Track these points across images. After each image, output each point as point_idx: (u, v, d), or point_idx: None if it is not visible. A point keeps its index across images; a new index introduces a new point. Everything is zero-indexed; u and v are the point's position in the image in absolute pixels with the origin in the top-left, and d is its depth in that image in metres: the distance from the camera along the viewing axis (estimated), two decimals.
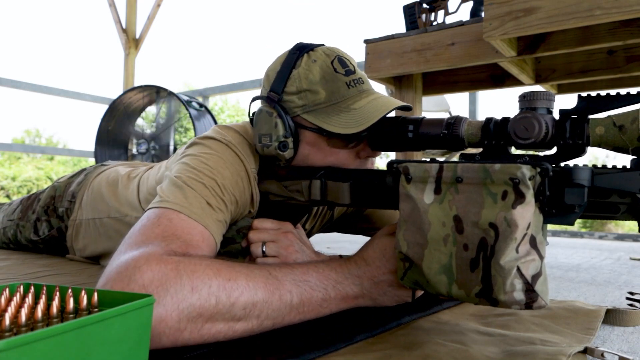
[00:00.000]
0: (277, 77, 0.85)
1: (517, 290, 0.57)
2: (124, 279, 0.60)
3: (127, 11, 4.76)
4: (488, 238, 0.59)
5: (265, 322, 0.66)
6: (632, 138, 0.58)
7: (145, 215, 0.73)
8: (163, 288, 0.59)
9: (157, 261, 0.61)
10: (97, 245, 1.34)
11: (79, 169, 1.57)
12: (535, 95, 0.64)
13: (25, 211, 1.56)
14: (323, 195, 0.81)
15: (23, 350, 0.36)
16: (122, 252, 0.66)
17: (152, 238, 0.67)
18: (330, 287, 0.72)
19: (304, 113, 0.83)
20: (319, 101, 0.82)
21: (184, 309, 0.59)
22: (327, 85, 0.82)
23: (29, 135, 15.12)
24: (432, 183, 0.64)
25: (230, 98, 16.00)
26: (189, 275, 0.61)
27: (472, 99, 3.33)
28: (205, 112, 3.27)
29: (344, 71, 0.84)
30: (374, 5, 53.42)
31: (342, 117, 0.80)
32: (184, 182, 0.76)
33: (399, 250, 0.67)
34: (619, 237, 3.35)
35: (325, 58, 0.84)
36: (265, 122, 0.83)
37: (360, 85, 0.84)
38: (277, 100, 0.83)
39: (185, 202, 0.73)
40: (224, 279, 0.63)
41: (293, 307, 0.68)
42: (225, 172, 0.81)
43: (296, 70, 0.83)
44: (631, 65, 1.76)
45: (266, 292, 0.66)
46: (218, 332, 0.62)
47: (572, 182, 0.59)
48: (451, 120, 0.72)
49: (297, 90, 0.82)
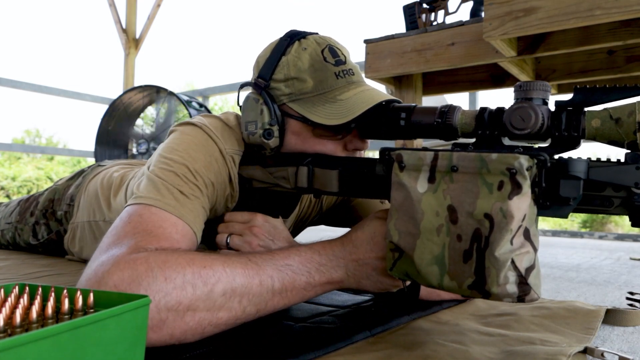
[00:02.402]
0: (266, 63, 0.83)
1: (510, 283, 0.56)
2: (93, 285, 0.60)
3: (127, 11, 4.76)
4: (483, 229, 0.58)
5: (248, 308, 0.65)
6: (628, 131, 0.58)
7: (119, 216, 0.73)
8: (135, 283, 0.58)
9: (125, 261, 0.61)
10: (92, 249, 1.33)
11: (79, 169, 1.56)
12: (531, 85, 0.62)
13: (23, 214, 1.55)
14: (310, 182, 0.79)
15: (17, 352, 0.35)
16: (97, 255, 0.66)
17: (122, 237, 0.67)
18: (313, 270, 0.70)
19: (290, 102, 0.81)
20: (306, 90, 0.81)
21: (160, 299, 0.58)
22: (315, 74, 0.81)
23: (29, 135, 15.12)
24: (426, 171, 0.63)
25: (230, 98, 16.00)
26: (160, 266, 0.61)
27: (472, 99, 3.33)
28: (205, 112, 3.27)
29: (334, 61, 0.82)
30: (374, 5, 53.47)
31: (328, 107, 0.79)
32: (155, 174, 0.76)
33: (390, 240, 0.65)
34: (619, 237, 3.35)
35: (316, 46, 0.83)
36: (251, 109, 0.82)
37: (349, 76, 0.83)
38: (264, 87, 0.82)
39: (157, 195, 0.72)
40: (198, 266, 0.63)
41: (275, 292, 0.67)
42: (197, 155, 0.79)
43: (285, 57, 0.82)
44: (631, 65, 1.76)
45: (245, 277, 0.65)
46: (202, 320, 0.61)
47: (568, 174, 0.58)
48: (445, 109, 0.70)
49: (285, 78, 0.81)
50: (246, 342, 0.67)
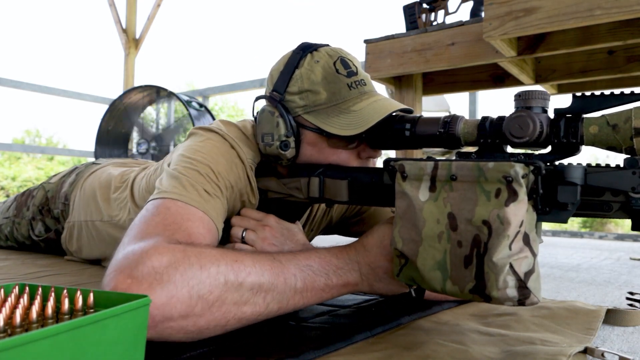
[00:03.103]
0: (280, 76, 0.86)
1: (509, 287, 0.58)
2: (132, 263, 0.60)
3: (127, 11, 4.75)
4: (481, 235, 0.59)
5: (272, 304, 0.67)
6: (625, 137, 0.59)
7: (145, 207, 0.74)
8: (172, 267, 0.60)
9: (165, 247, 0.62)
10: (92, 249, 1.34)
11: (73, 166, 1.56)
12: (530, 94, 0.64)
13: (19, 208, 1.56)
14: (321, 192, 0.82)
15: (17, 352, 0.35)
16: (126, 244, 0.66)
17: (153, 227, 0.68)
18: (331, 272, 0.73)
19: (305, 113, 0.83)
20: (320, 102, 0.83)
21: (193, 285, 0.60)
22: (328, 86, 0.83)
23: (29, 135, 15.12)
24: (427, 181, 0.65)
25: (230, 98, 16.01)
26: (197, 256, 0.63)
27: (472, 99, 3.32)
28: (205, 112, 3.27)
29: (346, 72, 0.84)
30: (374, 5, 53.49)
31: (342, 118, 0.81)
32: (179, 172, 0.77)
33: (395, 247, 0.67)
34: (619, 237, 3.35)
35: (328, 59, 0.85)
36: (267, 122, 0.84)
37: (362, 87, 0.85)
38: (279, 100, 0.84)
39: (182, 190, 0.74)
40: (231, 260, 0.65)
41: (297, 290, 0.69)
42: (220, 159, 0.82)
43: (299, 70, 0.84)
44: (631, 65, 1.76)
45: (272, 274, 0.67)
46: (227, 312, 0.63)
47: (565, 180, 0.59)
48: (447, 119, 0.73)
49: (299, 91, 0.83)
50: (246, 342, 0.67)
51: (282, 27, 49.02)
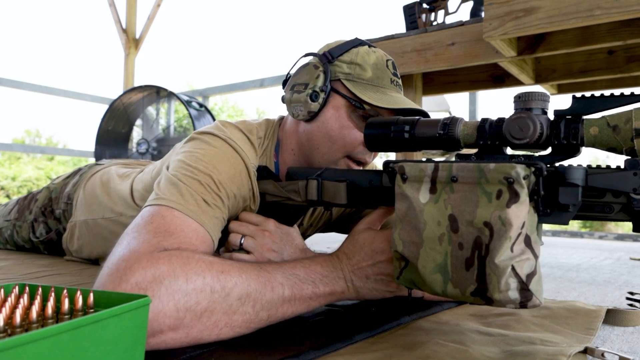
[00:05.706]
0: (338, 47, 0.92)
1: (511, 289, 0.57)
2: (115, 280, 0.60)
3: (127, 11, 4.75)
4: (483, 237, 0.59)
5: (261, 313, 0.68)
6: (625, 138, 0.59)
7: (140, 214, 0.74)
8: (157, 282, 0.60)
9: (148, 259, 0.62)
10: (92, 247, 1.34)
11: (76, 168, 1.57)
12: (530, 95, 0.64)
13: (22, 211, 1.56)
14: (319, 195, 0.82)
15: (17, 352, 0.35)
16: (115, 253, 0.66)
17: (144, 235, 0.68)
18: (318, 281, 0.74)
19: (345, 80, 0.90)
20: (364, 77, 0.90)
21: (179, 298, 0.60)
22: (376, 70, 0.91)
23: (29, 135, 15.13)
24: (427, 182, 0.65)
25: (230, 98, 16.00)
26: (182, 267, 0.62)
27: (472, 99, 3.32)
28: (205, 112, 3.27)
29: (392, 71, 0.94)
30: (374, 5, 53.49)
31: (378, 95, 0.88)
32: (179, 179, 0.77)
33: (395, 250, 0.67)
34: (619, 237, 3.35)
35: (383, 55, 0.94)
36: (307, 73, 0.90)
37: (399, 87, 0.95)
38: (328, 61, 0.90)
39: (180, 199, 0.74)
40: (217, 271, 0.65)
41: (285, 299, 0.70)
42: (222, 167, 0.81)
43: (357, 48, 0.92)
44: (631, 65, 1.76)
45: (259, 283, 0.68)
46: (218, 321, 0.63)
47: (566, 181, 0.59)
48: (447, 121, 0.72)
49: (350, 61, 0.90)
50: (246, 342, 0.67)
51: (282, 27, 49.00)
